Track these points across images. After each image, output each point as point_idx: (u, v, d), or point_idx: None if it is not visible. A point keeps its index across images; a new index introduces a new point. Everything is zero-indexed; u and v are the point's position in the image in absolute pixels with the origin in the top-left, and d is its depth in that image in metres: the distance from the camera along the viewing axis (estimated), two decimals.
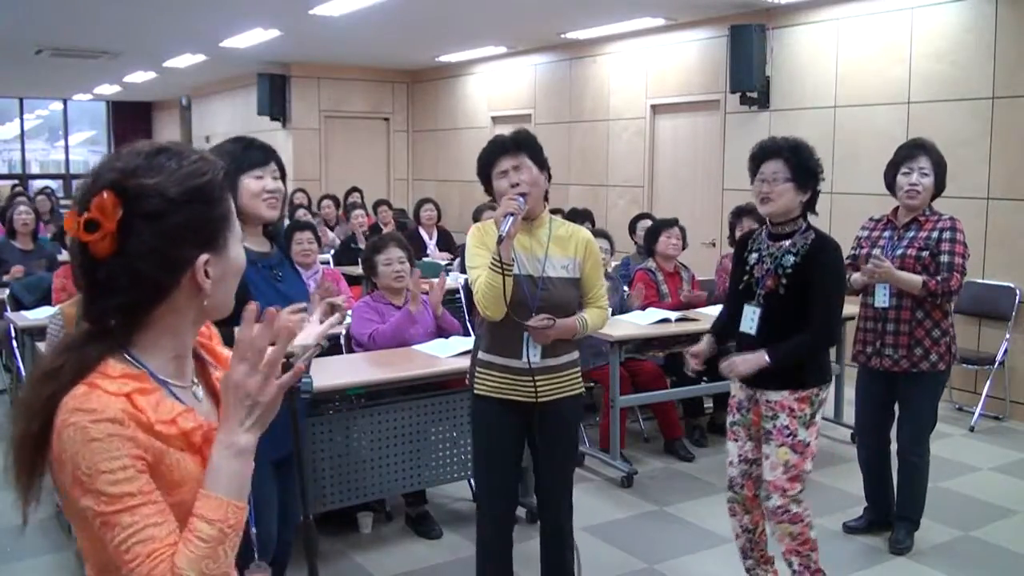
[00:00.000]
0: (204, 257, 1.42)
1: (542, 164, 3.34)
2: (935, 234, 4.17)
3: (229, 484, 1.40)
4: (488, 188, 3.39)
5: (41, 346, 4.22)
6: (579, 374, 3.43)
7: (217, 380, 1.55)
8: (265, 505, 3.00)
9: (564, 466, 3.48)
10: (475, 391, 3.39)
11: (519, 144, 3.31)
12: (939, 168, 4.22)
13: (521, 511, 4.47)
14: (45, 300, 6.08)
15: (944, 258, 4.12)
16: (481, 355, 3.39)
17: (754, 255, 3.60)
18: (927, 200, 4.23)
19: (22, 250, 7.47)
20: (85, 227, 1.35)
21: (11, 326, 6.05)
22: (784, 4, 8.11)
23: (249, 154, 2.97)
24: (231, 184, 2.81)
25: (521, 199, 3.17)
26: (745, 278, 3.61)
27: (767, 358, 3.41)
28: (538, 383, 3.27)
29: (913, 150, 4.25)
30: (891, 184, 4.30)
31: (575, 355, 3.41)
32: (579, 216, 8.05)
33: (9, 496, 1.42)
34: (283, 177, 3.07)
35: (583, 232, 3.43)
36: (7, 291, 6.45)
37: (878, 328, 4.26)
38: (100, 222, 1.34)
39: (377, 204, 10.50)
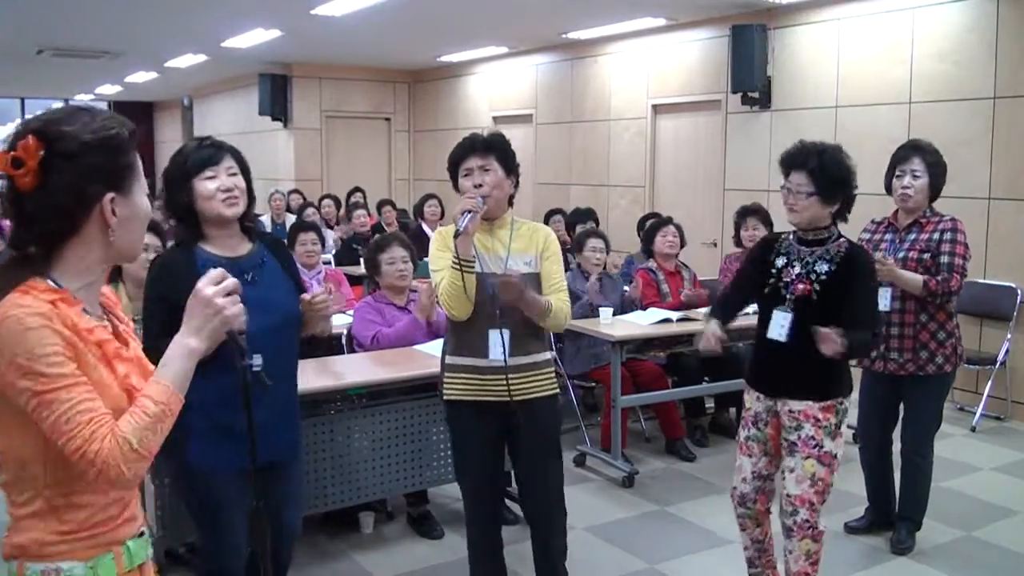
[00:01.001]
0: (110, 195, 1.68)
1: (510, 169, 3.34)
2: (936, 236, 4.16)
3: (175, 376, 1.73)
4: (455, 187, 3.37)
5: None
6: (552, 374, 3.38)
7: (121, 330, 1.83)
8: (229, 514, 2.94)
9: (546, 472, 3.39)
10: (445, 396, 3.36)
11: (489, 146, 3.31)
12: (934, 169, 4.19)
13: (519, 510, 4.47)
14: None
15: (944, 259, 4.11)
16: (448, 359, 3.36)
17: (781, 259, 3.51)
18: (921, 202, 4.21)
19: None
20: (12, 164, 1.61)
21: None
22: (785, 4, 8.11)
23: (200, 153, 2.91)
24: (184, 187, 2.88)
25: (480, 199, 3.17)
26: (771, 281, 3.50)
27: (843, 342, 3.21)
28: (511, 382, 3.24)
29: (907, 151, 4.25)
30: (889, 187, 4.30)
31: (547, 355, 3.38)
32: (583, 215, 8.07)
33: None
34: (245, 172, 2.99)
35: (543, 228, 3.45)
36: None
37: (882, 331, 4.24)
38: (24, 160, 1.61)
39: (381, 204, 10.50)
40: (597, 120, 10.51)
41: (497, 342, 3.23)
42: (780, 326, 3.42)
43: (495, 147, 3.31)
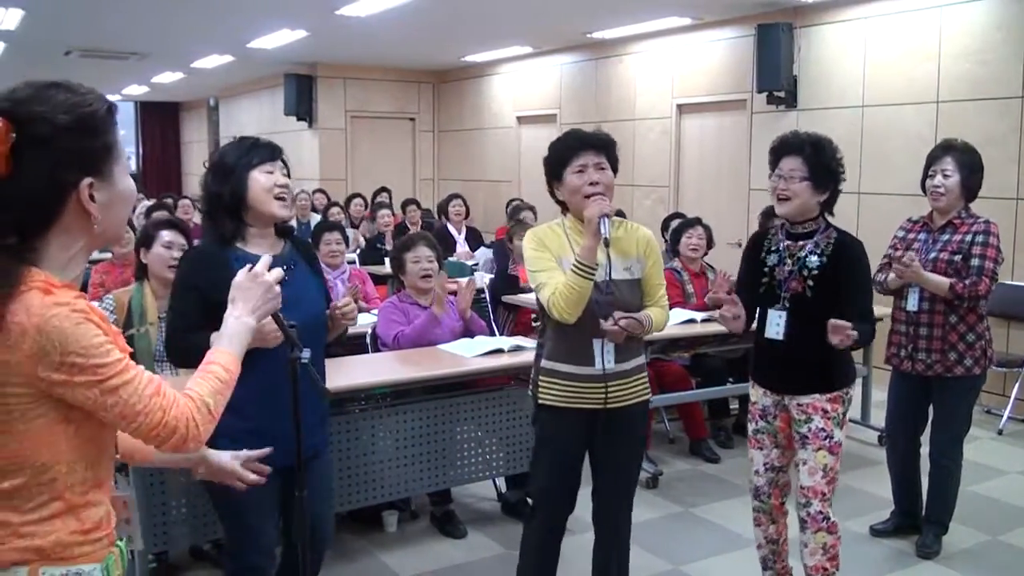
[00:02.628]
0: (88, 180, 1.59)
1: (616, 169, 3.28)
2: (969, 237, 4.11)
3: (240, 349, 1.89)
4: (554, 181, 3.27)
5: None
6: (647, 379, 3.35)
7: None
8: (257, 514, 2.95)
9: (630, 473, 3.40)
10: (539, 400, 3.29)
11: (605, 144, 3.24)
12: (967, 169, 4.16)
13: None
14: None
15: (975, 261, 4.06)
16: (545, 363, 3.28)
17: (772, 256, 3.51)
18: (954, 202, 4.17)
19: None
20: None
21: None
22: (811, 3, 8.06)
23: (257, 151, 2.93)
24: (242, 176, 2.87)
25: (608, 201, 3.11)
26: (765, 280, 3.50)
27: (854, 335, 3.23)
28: (610, 389, 3.20)
29: (940, 151, 4.22)
30: (924, 188, 4.27)
31: (642, 359, 3.33)
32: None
33: None
34: (288, 177, 3.02)
35: (642, 230, 3.33)
36: None
37: (910, 332, 4.22)
38: None
39: (405, 203, 10.52)
40: (622, 120, 10.49)
41: (600, 352, 3.18)
42: (776, 325, 3.45)
43: (610, 146, 3.25)
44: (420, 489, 4.51)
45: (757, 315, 3.57)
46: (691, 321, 5.54)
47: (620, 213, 6.67)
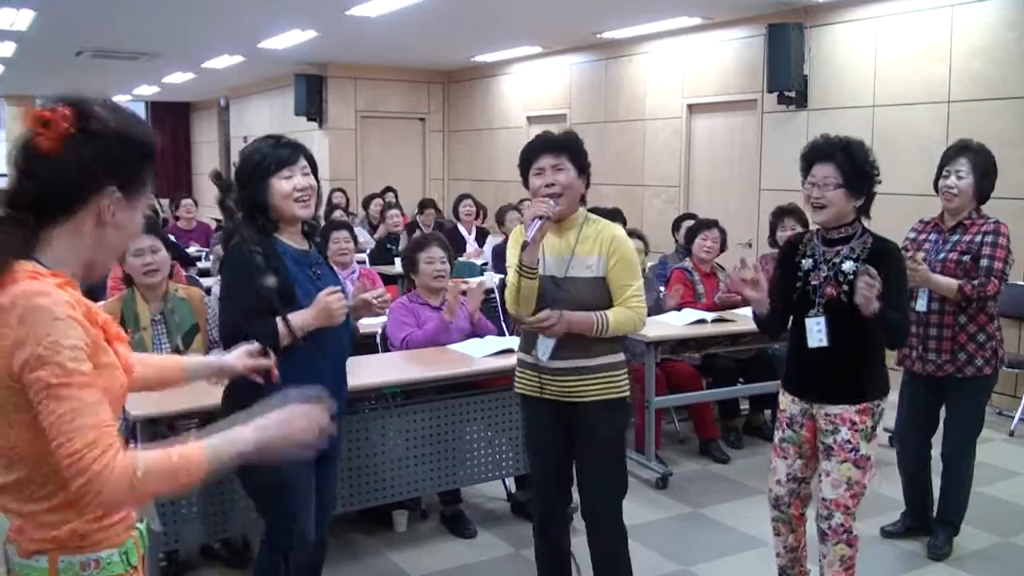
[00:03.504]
0: (116, 192, 1.69)
1: (582, 168, 3.30)
2: (979, 238, 4.09)
3: (217, 447, 1.69)
4: (525, 184, 3.37)
5: None
6: (617, 377, 3.29)
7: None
8: (306, 504, 3.00)
9: (601, 479, 3.35)
10: (515, 389, 3.47)
11: (562, 145, 3.27)
12: (981, 170, 4.13)
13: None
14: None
15: (984, 262, 4.04)
16: (518, 353, 3.48)
17: (807, 261, 3.45)
18: (965, 202, 4.15)
19: None
20: (41, 122, 1.63)
21: None
22: (822, 3, 8.04)
23: (277, 152, 2.97)
24: (261, 184, 2.92)
25: (552, 202, 3.15)
26: (799, 286, 3.44)
27: (879, 309, 3.16)
28: (546, 380, 3.28)
29: (954, 152, 4.19)
30: (936, 188, 4.25)
31: (613, 358, 3.29)
32: (608, 215, 7.99)
33: None
34: (315, 172, 3.07)
35: (611, 229, 3.31)
36: None
37: (920, 333, 4.20)
38: (53, 123, 1.62)
39: (424, 205, 10.47)
40: (631, 120, 10.48)
41: (542, 344, 3.24)
42: (817, 332, 3.36)
43: (568, 146, 3.29)
44: (430, 489, 4.51)
45: (792, 321, 3.51)
46: (701, 321, 5.53)
47: (618, 214, 6.61)
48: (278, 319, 2.80)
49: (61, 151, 1.63)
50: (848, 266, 3.34)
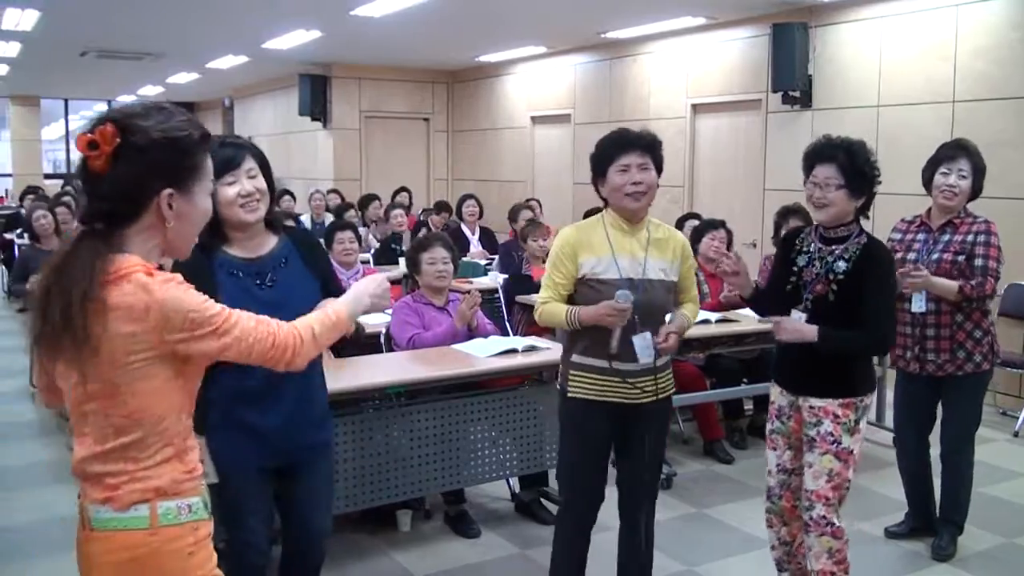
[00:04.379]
0: (169, 191, 1.86)
1: (660, 169, 3.33)
2: (970, 237, 4.11)
3: (352, 307, 2.27)
4: (598, 177, 3.33)
5: None
6: (672, 374, 3.46)
7: None
8: (249, 512, 2.95)
9: (654, 477, 3.51)
10: (569, 393, 3.35)
11: (651, 145, 3.29)
12: (978, 172, 4.15)
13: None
14: None
15: (978, 262, 4.06)
16: (577, 358, 3.35)
17: (803, 257, 3.49)
18: (963, 203, 4.16)
19: (45, 251, 7.64)
20: (88, 146, 1.80)
21: None
22: (826, 2, 8.04)
23: (220, 154, 2.73)
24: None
25: (631, 300, 3.16)
26: (792, 279, 3.50)
27: (816, 335, 3.30)
28: (647, 382, 3.31)
29: (955, 150, 4.18)
30: (928, 182, 4.23)
31: (669, 355, 3.42)
32: None
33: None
34: (266, 170, 2.90)
35: (680, 235, 3.47)
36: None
37: (916, 333, 4.20)
38: (100, 144, 1.79)
39: (439, 207, 10.46)
40: (636, 120, 10.46)
41: (644, 348, 3.26)
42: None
43: (656, 148, 3.30)
44: (434, 489, 4.51)
45: (783, 314, 3.55)
46: (705, 322, 5.53)
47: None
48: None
49: (111, 168, 1.81)
50: (840, 266, 3.38)
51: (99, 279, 1.79)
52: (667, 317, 3.37)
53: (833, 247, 3.43)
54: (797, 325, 3.37)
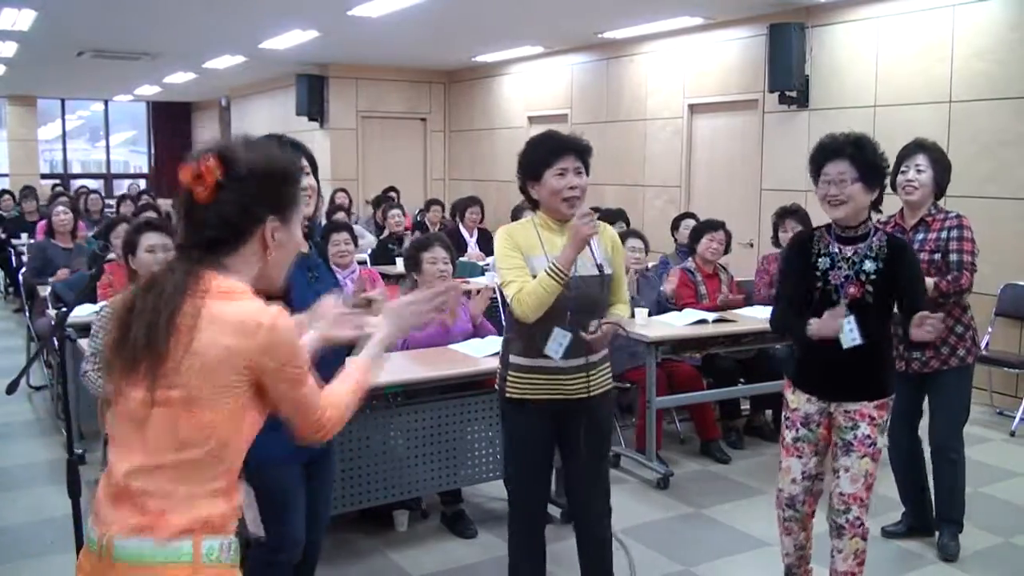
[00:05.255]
0: (274, 219, 1.90)
1: (589, 171, 3.35)
2: (944, 233, 4.15)
3: (375, 353, 2.24)
4: (530, 179, 3.33)
5: (82, 343, 4.26)
6: (610, 370, 3.45)
7: None
8: (294, 507, 3.02)
9: (603, 468, 3.48)
10: (508, 395, 3.35)
11: (586, 149, 3.31)
12: (938, 165, 4.19)
13: (555, 510, 4.47)
14: (86, 297, 6.13)
15: (953, 256, 4.11)
16: (514, 359, 3.34)
17: (824, 260, 3.43)
18: (926, 196, 4.19)
19: (63, 248, 7.63)
20: (195, 176, 1.83)
21: (52, 323, 6.13)
22: (823, 3, 8.05)
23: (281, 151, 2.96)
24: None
25: (595, 222, 3.18)
26: (819, 286, 3.43)
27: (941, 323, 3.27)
28: (593, 378, 3.30)
29: (911, 149, 4.24)
30: (894, 186, 4.23)
31: (605, 350, 3.40)
32: (612, 216, 8.01)
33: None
34: (315, 172, 3.05)
35: (609, 229, 3.45)
36: (49, 289, 6.55)
37: (899, 332, 4.17)
38: (205, 176, 1.82)
39: (429, 204, 10.52)
40: (633, 120, 10.48)
41: (560, 341, 3.25)
42: (850, 332, 3.32)
43: (588, 152, 3.32)
44: (431, 489, 4.51)
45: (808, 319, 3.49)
46: (702, 321, 5.53)
47: (621, 215, 6.66)
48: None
49: (216, 198, 1.83)
50: (869, 266, 3.36)
51: (193, 293, 1.80)
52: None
53: (855, 247, 3.41)
54: (933, 322, 3.21)
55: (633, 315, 4.96)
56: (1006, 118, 6.76)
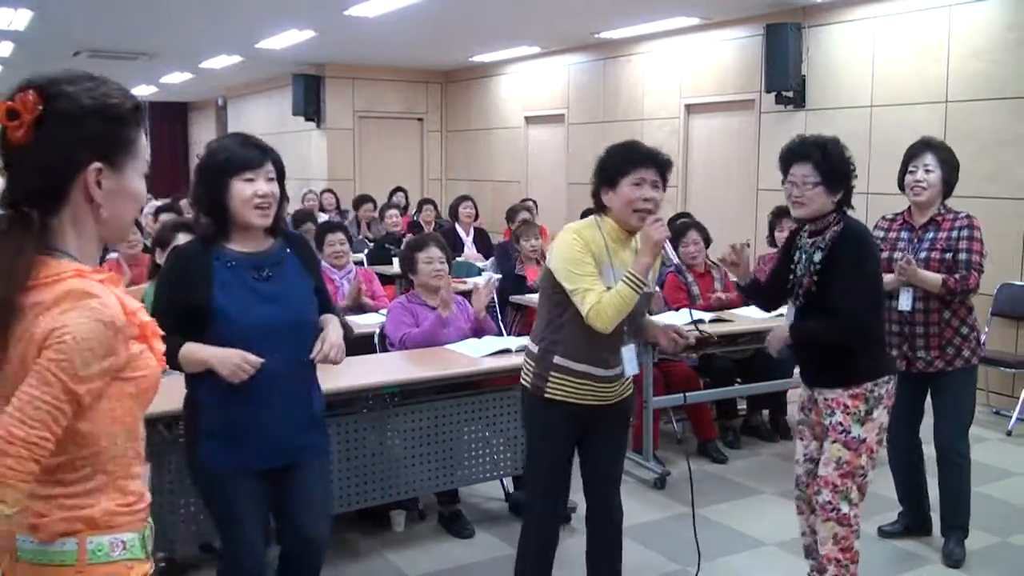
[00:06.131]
0: (97, 164, 1.64)
1: (664, 188, 3.33)
2: (954, 233, 4.15)
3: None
4: (604, 185, 3.28)
5: None
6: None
7: None
8: (246, 519, 2.95)
9: (620, 467, 3.58)
10: (547, 395, 3.31)
11: (667, 164, 3.28)
12: (947, 165, 4.19)
13: None
14: None
15: (962, 256, 4.11)
16: (559, 360, 3.29)
17: (797, 253, 3.61)
18: (934, 196, 4.20)
19: None
20: (7, 115, 1.59)
21: None
22: (820, 3, 8.05)
23: (244, 153, 2.85)
24: (220, 183, 2.84)
25: (665, 227, 3.20)
26: (791, 278, 3.61)
27: (787, 332, 3.51)
28: (614, 388, 3.36)
29: (918, 148, 4.25)
30: (901, 184, 4.30)
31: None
32: None
33: None
34: (281, 179, 2.94)
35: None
36: None
37: (905, 332, 4.22)
38: (20, 113, 1.59)
39: (422, 203, 10.56)
40: (630, 120, 10.49)
41: (632, 358, 3.34)
42: (788, 320, 3.60)
43: (668, 167, 3.29)
44: (428, 489, 4.51)
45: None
46: (699, 322, 5.52)
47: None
48: (185, 344, 2.80)
49: (33, 139, 1.60)
50: (817, 256, 3.48)
51: (22, 283, 1.58)
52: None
53: (815, 239, 3.53)
54: (775, 333, 3.55)
55: None
56: (1003, 118, 6.76)
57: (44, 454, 1.55)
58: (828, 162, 3.42)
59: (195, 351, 2.79)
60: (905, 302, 4.18)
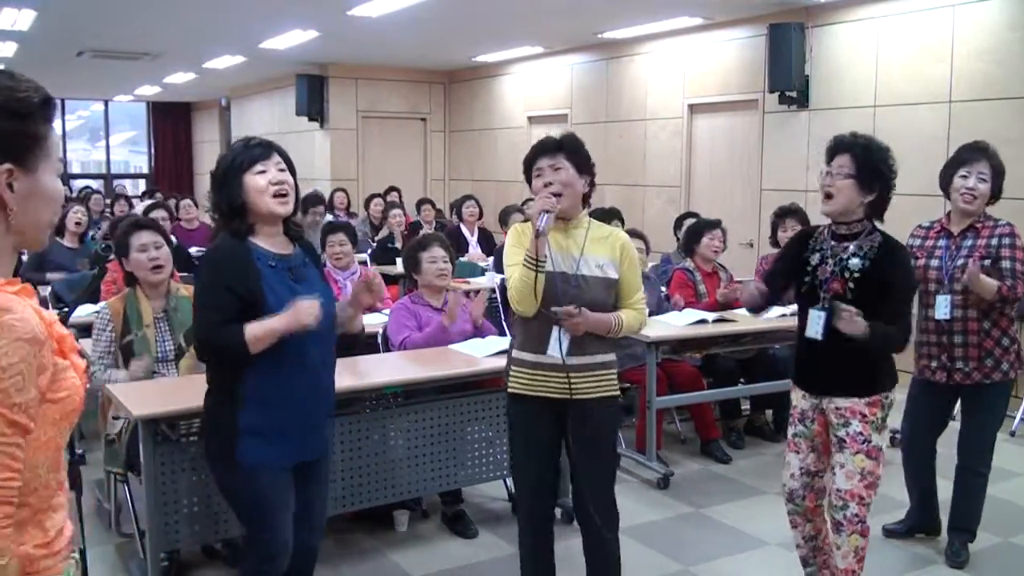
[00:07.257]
0: (7, 166, 1.48)
1: (582, 168, 3.33)
2: (994, 241, 4.01)
3: None
4: (531, 186, 3.40)
5: (86, 343, 4.26)
6: (614, 376, 3.37)
7: None
8: (283, 510, 3.02)
9: (598, 471, 3.39)
10: (509, 389, 3.39)
11: (559, 145, 3.32)
12: (997, 175, 4.05)
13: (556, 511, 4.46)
14: (86, 297, 6.11)
15: (1005, 264, 3.96)
16: (514, 353, 3.40)
17: (816, 255, 3.49)
18: (982, 207, 4.07)
19: (68, 248, 7.60)
20: None
21: None
22: (823, 3, 8.04)
23: (249, 151, 2.97)
24: (235, 182, 2.92)
25: (555, 199, 3.20)
26: (807, 279, 3.49)
27: (866, 330, 3.24)
28: (572, 378, 3.25)
29: (975, 153, 4.08)
30: (946, 185, 4.13)
31: (610, 356, 3.36)
32: (607, 215, 7.99)
33: None
34: (291, 171, 3.04)
35: (621, 234, 3.43)
36: (49, 288, 6.53)
37: (943, 341, 4.08)
38: None
39: (420, 203, 10.56)
40: (633, 120, 10.48)
41: (556, 340, 3.25)
42: (816, 325, 3.41)
43: (565, 146, 3.33)
44: (431, 489, 4.51)
45: (797, 314, 3.61)
46: (703, 321, 5.53)
47: (615, 213, 6.60)
48: (246, 326, 2.84)
49: None
50: (855, 263, 3.38)
51: None
52: None
53: (846, 244, 3.43)
54: (856, 319, 3.24)
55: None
56: (1006, 118, 6.75)
57: (12, 495, 1.44)
58: (867, 157, 3.36)
59: (261, 325, 2.85)
60: (943, 310, 4.03)
